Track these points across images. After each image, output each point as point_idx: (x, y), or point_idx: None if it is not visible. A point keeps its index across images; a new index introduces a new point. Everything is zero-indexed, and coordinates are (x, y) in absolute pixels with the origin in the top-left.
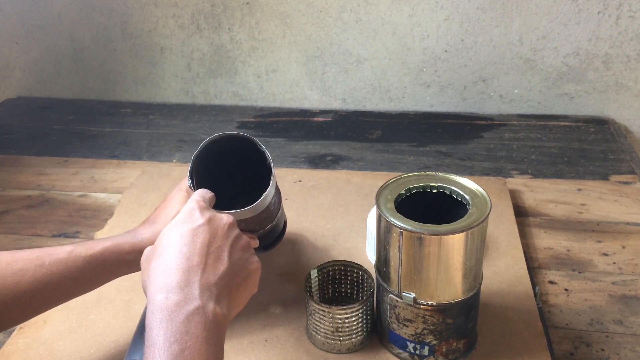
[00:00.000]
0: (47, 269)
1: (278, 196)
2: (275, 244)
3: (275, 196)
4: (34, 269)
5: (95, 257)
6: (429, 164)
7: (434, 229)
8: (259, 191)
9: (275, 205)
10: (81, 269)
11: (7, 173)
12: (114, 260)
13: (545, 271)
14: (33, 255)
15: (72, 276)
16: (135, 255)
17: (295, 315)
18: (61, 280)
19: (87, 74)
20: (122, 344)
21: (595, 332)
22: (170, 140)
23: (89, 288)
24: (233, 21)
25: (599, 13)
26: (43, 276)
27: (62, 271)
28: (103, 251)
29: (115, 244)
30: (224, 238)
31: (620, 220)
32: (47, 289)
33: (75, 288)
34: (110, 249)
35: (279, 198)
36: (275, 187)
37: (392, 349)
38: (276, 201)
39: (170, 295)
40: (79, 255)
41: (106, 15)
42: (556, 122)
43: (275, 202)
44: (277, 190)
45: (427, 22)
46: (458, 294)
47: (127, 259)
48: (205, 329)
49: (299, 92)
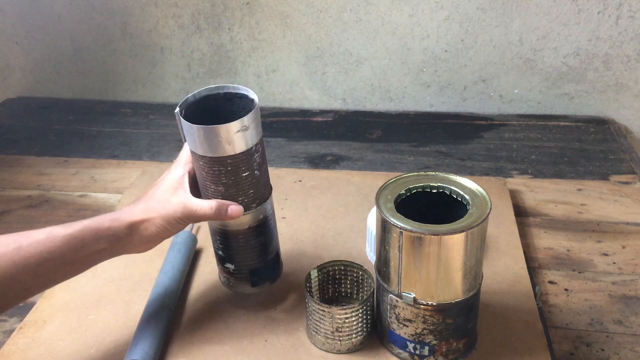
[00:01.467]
0: (25, 251)
1: (262, 156)
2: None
3: (260, 144)
4: (12, 252)
5: (73, 235)
6: (429, 164)
7: (434, 229)
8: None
9: (260, 154)
10: (60, 249)
11: (7, 173)
12: (92, 236)
13: (545, 271)
14: (9, 239)
15: (51, 257)
16: (116, 230)
17: (295, 315)
18: (41, 262)
19: (87, 74)
20: (122, 344)
21: (595, 332)
22: (170, 140)
23: (73, 270)
24: (233, 21)
25: (599, 13)
26: (21, 259)
27: (41, 252)
28: (82, 229)
29: (94, 220)
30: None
31: (620, 220)
32: (26, 272)
33: (57, 270)
34: (89, 225)
35: (263, 158)
36: (260, 130)
37: (392, 349)
38: (260, 150)
39: None
40: (57, 234)
41: (106, 15)
42: (556, 122)
43: (260, 150)
44: (262, 148)
45: (427, 22)
46: (458, 294)
47: (106, 234)
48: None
49: (299, 92)
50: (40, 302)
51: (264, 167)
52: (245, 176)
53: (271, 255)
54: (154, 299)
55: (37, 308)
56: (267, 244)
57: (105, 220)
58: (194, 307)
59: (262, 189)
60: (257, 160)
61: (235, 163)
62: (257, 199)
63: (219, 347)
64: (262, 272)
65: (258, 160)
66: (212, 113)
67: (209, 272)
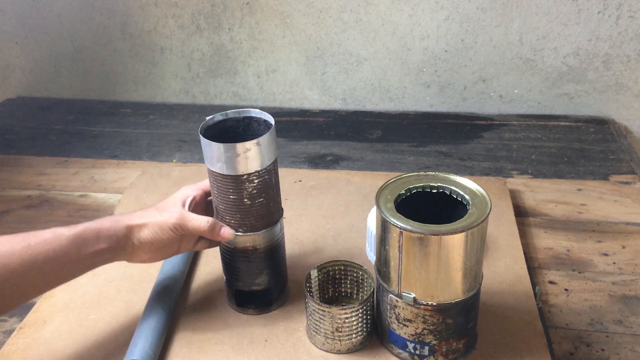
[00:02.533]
0: (33, 250)
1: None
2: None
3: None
4: (21, 250)
5: (77, 234)
6: (429, 164)
7: (434, 229)
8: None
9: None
10: (65, 248)
11: (7, 173)
12: (94, 236)
13: (545, 271)
14: (19, 237)
15: (57, 255)
16: (115, 231)
17: (295, 315)
18: (47, 260)
19: (87, 74)
20: (122, 344)
21: (595, 332)
22: (170, 140)
23: (76, 270)
24: (233, 21)
25: (599, 13)
26: (30, 256)
27: (47, 250)
28: (84, 229)
29: (97, 221)
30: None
31: (620, 220)
32: (34, 270)
33: (62, 268)
34: (91, 226)
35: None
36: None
37: (392, 349)
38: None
39: None
40: (62, 234)
41: (106, 15)
42: (556, 122)
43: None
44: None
45: (427, 22)
46: (458, 294)
47: (107, 234)
48: None
49: (299, 92)
50: (40, 302)
51: (260, 200)
52: (232, 199)
53: (260, 285)
54: (154, 299)
55: (37, 308)
56: (253, 272)
57: (106, 221)
58: (194, 307)
59: (251, 219)
60: (249, 189)
61: (224, 182)
62: (244, 226)
63: (219, 347)
64: (248, 296)
65: (251, 190)
66: (235, 135)
67: (209, 272)
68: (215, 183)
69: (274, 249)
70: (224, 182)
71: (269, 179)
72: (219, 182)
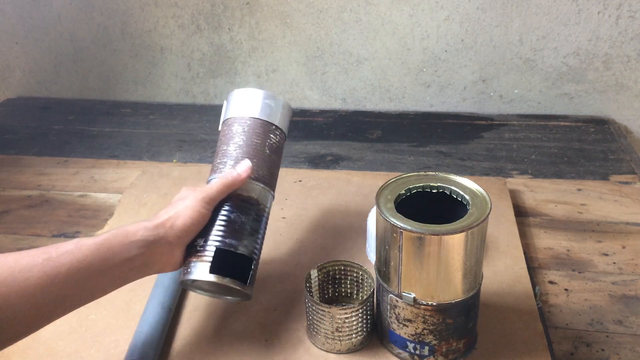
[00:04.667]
0: (54, 261)
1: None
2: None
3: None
4: (42, 263)
5: (101, 243)
6: (429, 164)
7: (434, 229)
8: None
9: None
10: (89, 259)
11: (7, 173)
12: (120, 242)
13: (545, 271)
14: (39, 251)
15: (81, 266)
16: (144, 234)
17: (295, 315)
18: (71, 272)
19: (87, 74)
20: (122, 344)
21: (595, 332)
22: (170, 140)
23: (105, 282)
24: (233, 21)
25: (599, 13)
26: (52, 269)
27: (71, 261)
28: (109, 236)
29: (121, 228)
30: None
31: (620, 220)
32: (58, 283)
33: (88, 281)
34: (116, 232)
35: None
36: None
37: (392, 349)
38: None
39: None
40: (85, 243)
41: (106, 15)
42: (556, 122)
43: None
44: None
45: (427, 22)
46: (458, 294)
47: (135, 238)
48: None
49: (299, 92)
50: None
51: (273, 157)
52: (256, 143)
53: (247, 248)
54: (154, 299)
55: None
56: (246, 230)
57: (131, 227)
58: (194, 307)
59: (264, 169)
60: (272, 140)
61: (253, 127)
62: (255, 173)
63: (219, 347)
64: (229, 261)
65: (272, 142)
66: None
67: None
68: (242, 130)
69: (266, 218)
70: (253, 126)
71: (281, 145)
72: (248, 127)
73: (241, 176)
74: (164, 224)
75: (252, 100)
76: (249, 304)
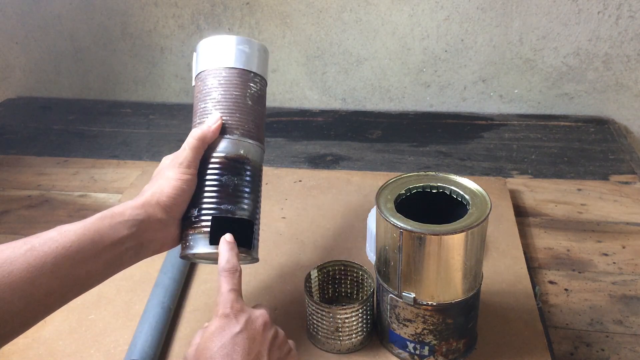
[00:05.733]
0: (38, 251)
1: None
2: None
3: (258, 82)
4: (24, 254)
5: (86, 227)
6: (429, 164)
7: (434, 229)
8: None
9: (256, 91)
10: (76, 244)
11: (7, 173)
12: (108, 224)
13: (545, 271)
14: (20, 242)
15: (68, 253)
16: (131, 213)
17: (295, 315)
18: (58, 260)
19: (87, 74)
20: (122, 344)
21: (595, 332)
22: (170, 140)
23: (97, 270)
24: (233, 21)
25: (599, 13)
26: (36, 259)
27: (56, 249)
28: (94, 220)
29: (105, 211)
30: (262, 342)
31: (620, 220)
32: (45, 275)
33: (78, 268)
34: (101, 215)
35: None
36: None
37: (392, 349)
38: (257, 88)
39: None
40: (69, 229)
41: (106, 15)
42: (556, 122)
43: (256, 88)
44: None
45: (427, 22)
46: (458, 294)
47: (122, 219)
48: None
49: (299, 92)
50: None
51: (257, 107)
52: (236, 95)
53: (245, 211)
54: (154, 299)
55: None
56: (241, 191)
57: (117, 207)
58: (194, 307)
59: (249, 123)
60: (252, 90)
61: (229, 78)
62: (241, 129)
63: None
64: (228, 228)
65: (253, 92)
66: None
67: (209, 272)
68: (218, 83)
69: (260, 174)
70: (230, 77)
71: (263, 94)
72: (224, 79)
73: (211, 128)
74: (149, 201)
75: (225, 48)
76: (249, 304)
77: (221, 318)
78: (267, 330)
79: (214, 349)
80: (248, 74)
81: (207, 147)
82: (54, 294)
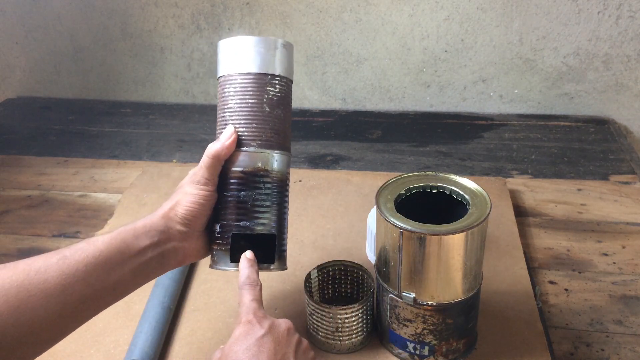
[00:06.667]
0: (70, 259)
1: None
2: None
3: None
4: (57, 262)
5: (113, 236)
6: (429, 164)
7: (434, 229)
8: None
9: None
10: (105, 253)
11: (7, 173)
12: (132, 235)
13: (545, 271)
14: (51, 253)
15: (97, 261)
16: (152, 225)
17: (295, 315)
18: (88, 268)
19: (87, 74)
20: (122, 344)
21: (595, 332)
22: (170, 140)
23: (125, 278)
24: (233, 21)
25: (599, 13)
26: (68, 267)
27: (86, 257)
28: (119, 231)
29: (128, 224)
30: (287, 344)
31: (620, 220)
32: (77, 280)
33: (108, 276)
34: (125, 227)
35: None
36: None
37: (392, 349)
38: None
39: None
40: (97, 239)
41: (106, 15)
42: (556, 122)
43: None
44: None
45: (427, 22)
46: (458, 294)
47: (144, 230)
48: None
49: (299, 92)
50: None
51: (277, 112)
52: (251, 103)
53: (265, 226)
54: (154, 298)
55: None
56: (260, 205)
57: (139, 220)
58: (194, 307)
59: (267, 132)
60: (270, 94)
61: (244, 84)
62: (258, 139)
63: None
64: (246, 243)
65: (271, 96)
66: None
67: (209, 272)
68: (234, 91)
69: (284, 183)
70: (245, 84)
71: (286, 94)
72: (239, 86)
73: (225, 144)
74: (168, 214)
75: (240, 51)
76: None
77: (244, 324)
78: (291, 335)
79: (240, 352)
80: (265, 78)
81: (225, 162)
82: (86, 302)
